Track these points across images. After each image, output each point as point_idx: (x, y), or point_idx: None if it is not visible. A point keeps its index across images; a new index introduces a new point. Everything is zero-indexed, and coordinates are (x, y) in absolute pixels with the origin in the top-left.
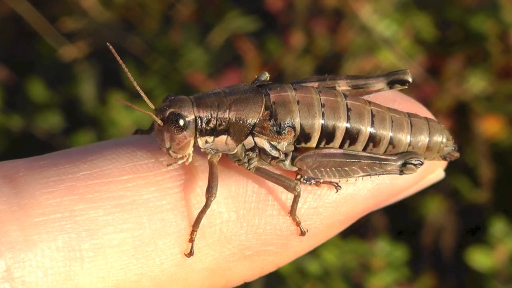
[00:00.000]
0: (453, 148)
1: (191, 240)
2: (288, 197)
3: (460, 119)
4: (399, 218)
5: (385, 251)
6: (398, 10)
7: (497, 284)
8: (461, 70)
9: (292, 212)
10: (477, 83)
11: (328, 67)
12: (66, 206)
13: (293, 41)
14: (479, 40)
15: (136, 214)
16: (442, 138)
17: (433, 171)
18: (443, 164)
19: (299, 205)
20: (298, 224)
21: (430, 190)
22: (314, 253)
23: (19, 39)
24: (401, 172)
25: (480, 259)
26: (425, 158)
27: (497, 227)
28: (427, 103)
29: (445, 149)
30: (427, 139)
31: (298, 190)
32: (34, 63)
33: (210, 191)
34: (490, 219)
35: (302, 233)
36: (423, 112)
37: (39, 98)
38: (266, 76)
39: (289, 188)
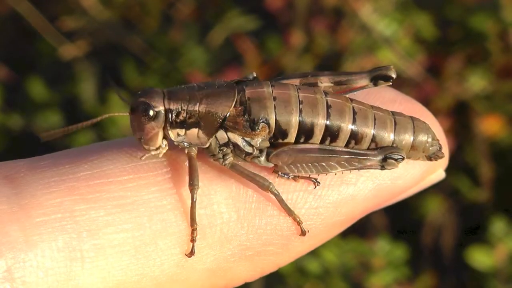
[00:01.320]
0: (438, 148)
1: (192, 239)
2: (289, 197)
3: (460, 118)
4: (399, 217)
5: (385, 250)
6: (398, 9)
7: (497, 283)
8: (461, 69)
9: (287, 212)
10: (477, 82)
11: (328, 66)
12: (67, 206)
13: (293, 40)
14: (479, 39)
15: (136, 215)
16: (427, 138)
17: (433, 172)
18: (444, 164)
19: (299, 205)
20: (299, 223)
21: (430, 189)
22: (314, 252)
23: (19, 38)
24: (382, 167)
25: (480, 258)
26: (409, 158)
27: (497, 226)
28: (427, 102)
29: (430, 148)
30: (412, 138)
31: (273, 190)
32: (34, 62)
33: (192, 184)
34: (490, 218)
35: (303, 233)
36: (424, 112)
37: (39, 97)
38: (254, 75)
39: (263, 187)
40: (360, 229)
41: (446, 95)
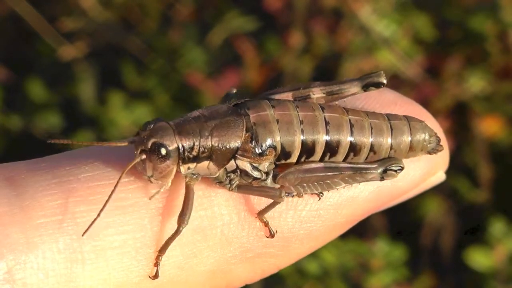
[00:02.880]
0: (436, 143)
1: (156, 264)
2: (289, 199)
3: (459, 119)
4: (398, 218)
5: (384, 251)
6: (397, 10)
7: (497, 284)
8: (460, 70)
9: (262, 212)
10: (476, 83)
11: (327, 67)
12: (68, 208)
13: (292, 41)
14: (478, 40)
15: (137, 216)
16: (424, 136)
17: (434, 174)
18: (444, 166)
19: (300, 207)
20: (266, 224)
21: (430, 190)
22: (313, 253)
23: (18, 39)
24: (382, 179)
25: (480, 259)
26: (408, 158)
27: (497, 227)
28: (426, 103)
29: (428, 146)
30: (409, 139)
31: (284, 197)
32: (33, 63)
33: (182, 218)
34: (490, 219)
35: (271, 235)
36: (424, 114)
37: (38, 98)
38: (234, 91)
39: (275, 197)
40: (359, 230)
41: (445, 96)
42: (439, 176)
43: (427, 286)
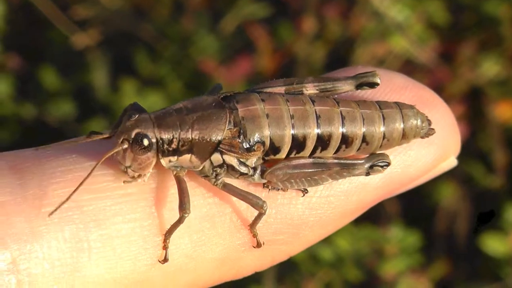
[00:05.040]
0: (428, 127)
1: (164, 247)
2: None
3: (473, 104)
4: (413, 204)
5: (398, 237)
6: None
7: (511, 270)
8: (475, 55)
9: (252, 225)
10: (490, 68)
11: (340, 53)
12: (73, 196)
13: (305, 27)
14: (492, 24)
15: (144, 204)
16: (416, 122)
17: (445, 159)
18: (456, 151)
19: (309, 194)
20: (254, 236)
21: (444, 176)
22: (327, 239)
23: (31, 27)
24: (368, 174)
25: (494, 245)
26: (401, 144)
27: (511, 213)
28: (440, 89)
29: (421, 131)
30: (401, 127)
31: (265, 209)
32: (46, 51)
33: (183, 207)
34: (504, 205)
35: (258, 245)
36: (435, 99)
37: (51, 86)
38: (220, 87)
39: (257, 206)
40: (373, 216)
41: (459, 81)
42: (451, 162)
43: (441, 272)
